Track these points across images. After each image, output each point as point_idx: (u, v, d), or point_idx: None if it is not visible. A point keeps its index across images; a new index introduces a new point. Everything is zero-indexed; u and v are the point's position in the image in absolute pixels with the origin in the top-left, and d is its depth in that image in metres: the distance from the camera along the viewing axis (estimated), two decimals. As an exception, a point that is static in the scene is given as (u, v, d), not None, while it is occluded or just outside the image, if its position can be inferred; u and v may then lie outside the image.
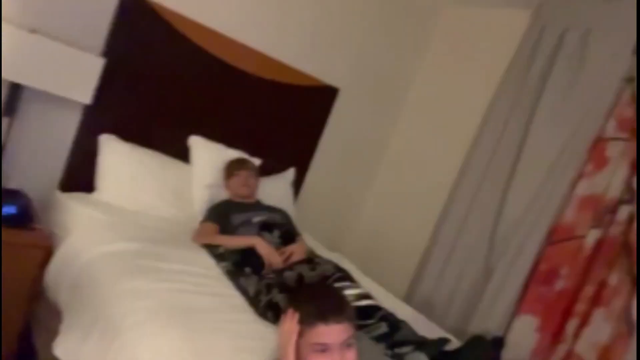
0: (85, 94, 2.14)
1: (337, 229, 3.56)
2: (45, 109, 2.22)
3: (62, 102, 2.19)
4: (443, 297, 2.84)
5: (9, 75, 1.95)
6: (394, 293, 2.62)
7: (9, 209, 1.94)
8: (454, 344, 2.04)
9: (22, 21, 2.04)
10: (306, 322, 1.30)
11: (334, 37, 3.05)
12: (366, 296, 2.04)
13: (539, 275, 2.46)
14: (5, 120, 2.04)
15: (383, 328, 1.88)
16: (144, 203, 2.35)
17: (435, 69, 3.44)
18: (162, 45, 2.42)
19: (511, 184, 2.66)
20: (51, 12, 2.13)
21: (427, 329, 2.14)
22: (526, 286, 2.50)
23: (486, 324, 2.55)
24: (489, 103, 2.93)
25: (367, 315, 1.91)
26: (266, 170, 2.87)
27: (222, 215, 2.39)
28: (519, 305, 2.49)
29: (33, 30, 2.00)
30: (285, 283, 1.98)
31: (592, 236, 2.36)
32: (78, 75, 2.11)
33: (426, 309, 2.75)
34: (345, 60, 3.16)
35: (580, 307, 2.33)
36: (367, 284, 2.39)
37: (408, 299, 2.91)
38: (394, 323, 1.94)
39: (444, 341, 1.96)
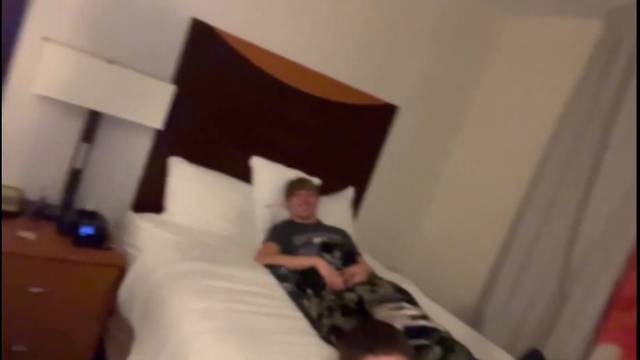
0: (156, 119, 2.25)
1: (397, 249, 3.50)
2: (120, 135, 2.35)
3: (135, 127, 2.32)
4: (513, 321, 2.70)
5: (88, 104, 2.09)
6: (458, 316, 2.52)
7: (87, 230, 2.05)
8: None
9: (100, 53, 2.19)
10: (355, 353, 1.32)
11: (393, 56, 3.04)
12: (423, 317, 1.98)
13: (620, 301, 2.29)
14: (84, 147, 2.17)
15: (437, 351, 1.81)
16: (209, 223, 2.42)
17: (497, 84, 3.34)
18: (226, 70, 2.51)
19: (588, 201, 2.49)
20: (127, 44, 2.27)
21: (494, 355, 2.03)
22: (606, 313, 2.33)
23: (561, 352, 2.39)
24: (559, 117, 2.79)
25: (422, 336, 1.85)
26: (326, 189, 2.88)
27: (283, 236, 2.41)
28: (599, 334, 2.32)
29: (111, 61, 2.14)
30: (347, 305, 1.96)
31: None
32: (150, 102, 2.22)
33: (494, 333, 2.62)
34: (405, 78, 3.13)
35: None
36: (428, 305, 2.33)
37: (474, 322, 2.79)
38: (449, 346, 1.86)
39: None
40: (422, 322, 1.93)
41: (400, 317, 1.89)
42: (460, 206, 3.35)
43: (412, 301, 2.07)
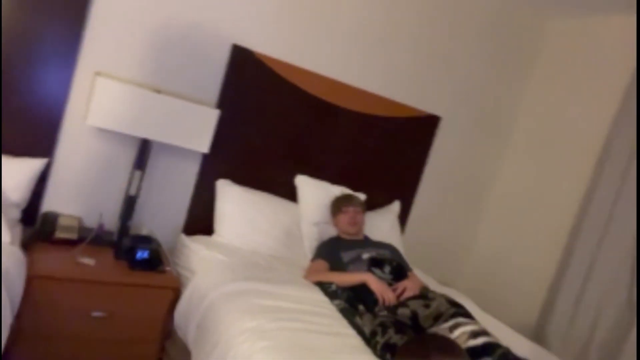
0: (203, 144, 2.32)
1: (448, 263, 3.40)
2: (169, 161, 2.44)
3: (183, 152, 2.40)
4: (579, 334, 2.54)
5: (139, 132, 2.18)
6: (518, 330, 2.41)
7: (142, 254, 2.12)
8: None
9: (148, 83, 2.29)
10: None
11: (433, 66, 3.01)
12: (482, 333, 1.90)
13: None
14: (137, 174, 2.26)
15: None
16: (258, 243, 2.45)
17: (544, 89, 3.23)
18: (268, 92, 2.56)
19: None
20: (172, 72, 2.36)
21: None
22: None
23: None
24: (614, 118, 2.66)
25: (484, 354, 1.78)
26: (371, 204, 2.86)
27: (331, 253, 2.40)
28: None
29: (158, 90, 2.22)
30: (400, 321, 1.92)
31: None
32: (196, 127, 2.29)
33: (560, 349, 2.49)
34: (446, 87, 3.09)
35: None
36: (486, 320, 2.23)
37: (536, 338, 2.66)
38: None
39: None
40: (482, 339, 1.87)
41: (459, 337, 1.83)
42: (514, 216, 3.23)
43: (467, 315, 2.00)
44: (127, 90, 2.11)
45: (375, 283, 2.14)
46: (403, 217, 3.10)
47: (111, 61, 2.24)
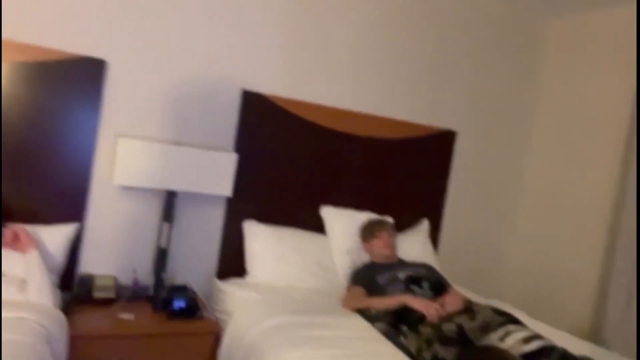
0: (225, 188, 2.37)
1: (487, 275, 3.31)
2: (195, 208, 2.48)
3: (208, 199, 2.45)
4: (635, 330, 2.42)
5: (163, 185, 2.24)
6: (572, 333, 2.30)
7: (179, 303, 2.13)
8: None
9: (168, 138, 2.38)
10: None
11: (440, 81, 3.05)
12: (535, 337, 1.83)
13: None
14: (166, 226, 2.31)
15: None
16: (291, 278, 2.44)
17: (556, 87, 3.23)
18: (281, 129, 2.62)
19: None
20: (189, 124, 2.45)
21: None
22: None
23: None
24: (632, 102, 2.63)
25: (542, 357, 1.70)
26: (399, 226, 2.83)
27: (367, 278, 2.37)
28: None
29: (177, 143, 2.30)
30: (446, 336, 1.85)
31: None
32: (217, 173, 2.34)
33: (620, 347, 2.35)
34: (456, 100, 3.12)
35: None
36: (538, 326, 2.13)
37: (593, 337, 2.53)
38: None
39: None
40: (537, 343, 1.79)
41: (513, 346, 1.76)
42: (549, 217, 3.15)
43: (516, 321, 1.92)
44: (148, 147, 2.20)
45: (415, 301, 2.10)
46: (434, 235, 3.06)
47: (130, 121, 2.34)
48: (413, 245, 2.80)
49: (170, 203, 2.32)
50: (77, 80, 2.21)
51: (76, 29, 2.21)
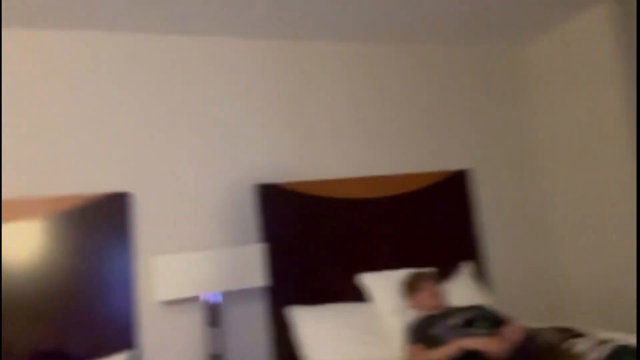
0: (260, 278, 2.43)
1: (546, 304, 3.16)
2: (239, 306, 2.54)
3: (248, 294, 2.50)
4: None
5: (202, 291, 2.32)
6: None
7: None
8: None
9: (197, 245, 2.50)
10: None
11: (439, 127, 3.17)
12: (603, 342, 1.74)
13: None
14: (213, 331, 2.35)
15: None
16: (349, 353, 2.39)
17: (554, 105, 3.29)
18: (301, 211, 2.73)
19: None
20: (213, 228, 2.59)
21: None
22: None
23: None
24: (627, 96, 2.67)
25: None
26: (443, 275, 2.79)
27: (421, 332, 2.31)
28: None
29: (206, 248, 2.42)
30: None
31: None
32: (250, 266, 2.42)
33: None
34: (460, 140, 3.21)
35: None
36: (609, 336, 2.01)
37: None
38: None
39: None
40: (608, 346, 1.71)
41: (581, 357, 1.69)
42: (593, 229, 3.06)
43: (579, 334, 1.84)
44: (180, 259, 2.32)
45: (472, 341, 2.03)
46: (483, 275, 2.99)
47: (160, 239, 2.50)
48: (460, 291, 2.73)
49: (214, 311, 2.38)
50: (106, 216, 2.41)
51: (96, 171, 2.46)
